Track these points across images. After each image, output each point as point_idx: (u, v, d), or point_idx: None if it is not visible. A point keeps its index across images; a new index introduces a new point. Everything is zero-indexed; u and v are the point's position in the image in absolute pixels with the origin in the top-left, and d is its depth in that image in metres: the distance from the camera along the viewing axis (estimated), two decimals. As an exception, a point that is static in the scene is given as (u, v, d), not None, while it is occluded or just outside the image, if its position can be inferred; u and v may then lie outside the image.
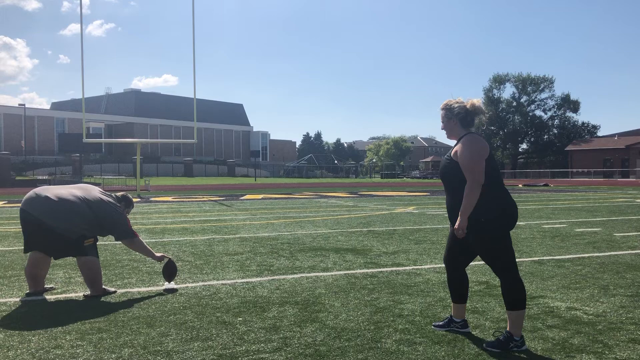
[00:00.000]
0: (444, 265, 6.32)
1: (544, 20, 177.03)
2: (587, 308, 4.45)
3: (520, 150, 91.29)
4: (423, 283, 5.42)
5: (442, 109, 3.74)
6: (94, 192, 5.15)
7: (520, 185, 39.38)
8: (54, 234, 4.78)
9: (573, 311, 4.36)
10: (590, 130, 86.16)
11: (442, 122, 3.76)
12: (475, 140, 3.55)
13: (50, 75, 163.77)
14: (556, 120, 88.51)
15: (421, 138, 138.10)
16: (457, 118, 3.68)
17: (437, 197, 22.54)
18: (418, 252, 7.44)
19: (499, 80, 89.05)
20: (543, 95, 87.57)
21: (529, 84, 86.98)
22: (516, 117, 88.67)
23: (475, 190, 3.44)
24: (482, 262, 6.49)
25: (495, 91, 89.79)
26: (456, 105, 3.68)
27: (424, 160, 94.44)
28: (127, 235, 5.17)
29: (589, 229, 10.06)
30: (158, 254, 5.39)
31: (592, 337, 3.72)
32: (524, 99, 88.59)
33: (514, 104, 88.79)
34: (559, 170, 70.93)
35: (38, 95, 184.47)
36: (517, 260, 6.55)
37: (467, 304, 4.51)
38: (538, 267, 6.25)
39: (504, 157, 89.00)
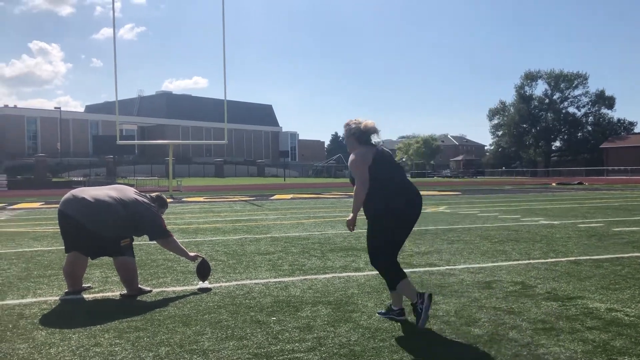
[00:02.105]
0: (477, 265, 6.25)
1: (576, 15, 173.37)
2: (628, 309, 4.34)
3: (553, 148, 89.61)
4: (457, 283, 5.36)
5: (344, 127, 4.32)
6: (129, 192, 5.23)
7: (553, 184, 38.66)
8: (91, 234, 4.88)
9: (613, 312, 4.26)
10: (626, 127, 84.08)
11: (344, 137, 4.36)
12: (358, 152, 4.14)
13: (84, 79, 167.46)
14: (590, 117, 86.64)
15: (452, 136, 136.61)
16: (354, 136, 4.21)
17: (470, 197, 22.29)
18: (451, 252, 7.36)
19: (530, 77, 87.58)
20: (576, 92, 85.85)
21: (562, 81, 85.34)
22: (549, 114, 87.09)
23: (360, 191, 4.03)
24: (518, 262, 6.41)
25: (527, 88, 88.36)
26: (353, 125, 4.22)
27: (454, 159, 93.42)
28: (162, 235, 5.24)
29: (628, 228, 9.81)
30: (192, 254, 5.46)
31: (634, 339, 3.63)
32: (556, 95, 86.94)
33: (547, 101, 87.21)
34: (593, 168, 69.38)
35: (72, 99, 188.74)
36: (552, 260, 6.43)
37: (503, 305, 4.47)
38: (575, 268, 6.12)
39: (536, 155, 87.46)
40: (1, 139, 71.51)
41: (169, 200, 21.85)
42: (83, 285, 5.27)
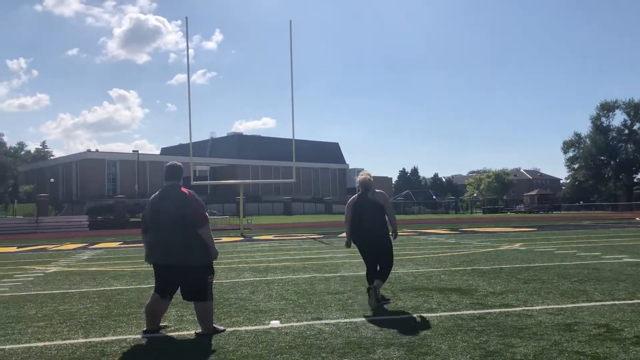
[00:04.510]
0: (556, 305, 5.96)
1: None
2: None
3: (635, 180, 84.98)
4: (535, 325, 5.14)
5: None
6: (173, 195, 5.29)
7: (637, 219, 36.51)
8: (185, 272, 5.07)
9: None
10: None
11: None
12: (349, 200, 6.81)
13: (159, 123, 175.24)
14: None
15: (524, 170, 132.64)
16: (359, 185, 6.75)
17: (546, 233, 21.43)
18: (528, 292, 7.07)
19: (607, 108, 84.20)
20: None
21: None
22: (629, 145, 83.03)
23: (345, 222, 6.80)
24: (602, 303, 6.08)
25: (603, 119, 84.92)
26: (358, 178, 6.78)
27: (528, 193, 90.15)
28: (202, 224, 5.14)
29: None
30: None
31: None
32: (637, 126, 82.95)
33: (626, 131, 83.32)
34: (681, 201, 65.06)
35: (148, 142, 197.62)
36: (640, 301, 6.03)
37: (587, 349, 4.27)
38: (665, 309, 5.72)
39: (617, 189, 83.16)
40: (84, 181, 75.71)
41: (239, 238, 22.21)
42: (160, 324, 5.43)
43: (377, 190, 6.56)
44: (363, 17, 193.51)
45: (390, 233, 6.59)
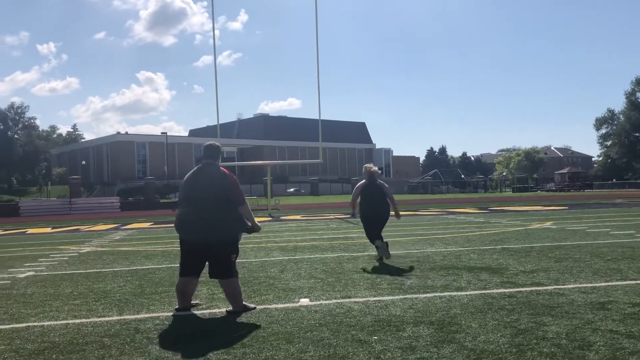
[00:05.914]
0: (588, 284, 5.86)
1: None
2: None
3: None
4: (567, 304, 5.07)
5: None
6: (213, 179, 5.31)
7: (673, 196, 35.58)
8: (213, 248, 5.14)
9: None
10: None
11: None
12: (357, 184, 8.84)
13: (187, 105, 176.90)
14: None
15: (555, 148, 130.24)
16: (364, 175, 8.74)
17: (577, 212, 21.07)
18: (559, 270, 6.98)
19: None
20: (697, 96, 79.05)
21: (680, 85, 78.95)
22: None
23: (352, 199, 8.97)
24: (636, 282, 5.97)
25: (638, 94, 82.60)
26: (364, 169, 8.93)
27: (559, 172, 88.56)
28: (240, 203, 5.29)
29: None
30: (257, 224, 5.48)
31: None
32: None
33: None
34: None
35: (176, 124, 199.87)
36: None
37: (622, 328, 4.20)
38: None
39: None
40: (115, 163, 77.03)
41: (268, 219, 22.39)
42: (192, 302, 5.52)
43: (379, 181, 8.73)
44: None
45: (391, 212, 8.77)
